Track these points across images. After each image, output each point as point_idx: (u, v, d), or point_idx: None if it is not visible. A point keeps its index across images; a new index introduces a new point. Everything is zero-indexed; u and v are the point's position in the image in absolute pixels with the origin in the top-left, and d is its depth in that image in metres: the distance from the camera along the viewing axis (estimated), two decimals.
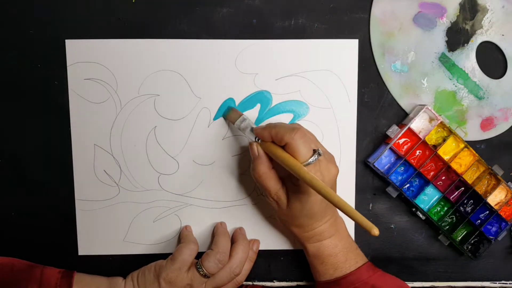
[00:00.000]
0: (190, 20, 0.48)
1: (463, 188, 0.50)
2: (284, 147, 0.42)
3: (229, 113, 0.48)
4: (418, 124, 0.49)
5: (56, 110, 0.48)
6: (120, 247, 0.50)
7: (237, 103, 0.49)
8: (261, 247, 0.51)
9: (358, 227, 0.51)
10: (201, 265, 0.45)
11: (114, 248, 0.50)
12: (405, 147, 0.49)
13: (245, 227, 0.51)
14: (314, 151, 0.41)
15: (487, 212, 0.50)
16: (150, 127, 0.49)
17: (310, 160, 0.41)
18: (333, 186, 0.44)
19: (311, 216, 0.44)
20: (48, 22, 0.47)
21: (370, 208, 0.51)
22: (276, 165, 0.43)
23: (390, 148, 0.49)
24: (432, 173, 0.50)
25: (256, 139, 0.44)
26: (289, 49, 0.48)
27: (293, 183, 0.43)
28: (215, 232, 0.49)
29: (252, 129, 0.45)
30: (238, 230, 0.50)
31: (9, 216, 0.49)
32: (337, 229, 0.46)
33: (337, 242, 0.46)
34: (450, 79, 0.50)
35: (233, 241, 0.49)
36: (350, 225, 0.50)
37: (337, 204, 0.37)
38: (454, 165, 0.49)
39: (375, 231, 0.35)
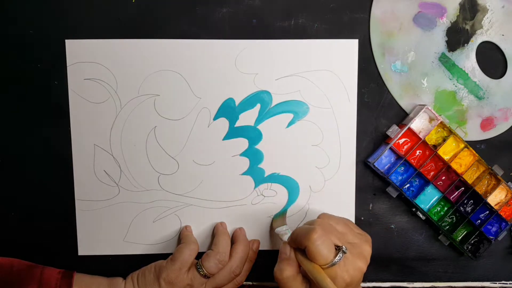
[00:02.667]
0: (190, 20, 0.48)
1: (463, 188, 0.50)
2: (305, 251, 0.39)
3: (275, 220, 0.49)
4: (418, 124, 0.49)
5: (56, 110, 0.48)
6: (120, 247, 0.50)
7: (237, 103, 0.49)
8: (261, 247, 0.51)
9: (358, 225, 0.51)
10: (201, 265, 0.45)
11: (114, 248, 0.50)
12: (405, 147, 0.49)
13: (245, 227, 0.51)
14: (338, 247, 0.39)
15: (487, 212, 0.50)
16: (150, 127, 0.49)
17: (335, 260, 0.38)
18: (361, 279, 0.41)
19: None
20: (48, 22, 0.47)
21: (370, 208, 0.51)
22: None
23: (390, 148, 0.49)
24: (432, 173, 0.50)
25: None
26: (289, 49, 0.48)
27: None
28: (215, 232, 0.49)
29: (282, 243, 0.44)
30: (238, 230, 0.50)
31: (9, 216, 0.49)
32: None
33: None
34: (450, 79, 0.50)
35: (233, 241, 0.49)
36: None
37: None
38: (454, 165, 0.49)
39: None
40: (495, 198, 0.50)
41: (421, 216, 0.50)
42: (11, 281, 0.44)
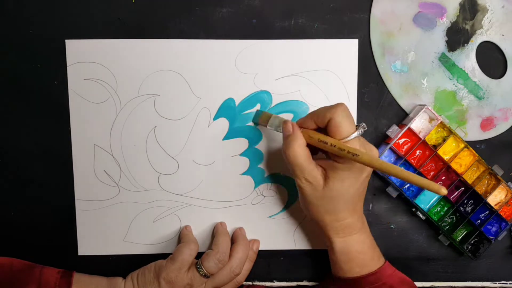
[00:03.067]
0: (190, 20, 0.48)
1: (463, 188, 0.50)
2: (326, 127, 0.41)
3: (260, 116, 0.48)
4: (418, 124, 0.49)
5: (56, 110, 0.48)
6: (120, 247, 0.50)
7: (237, 103, 0.49)
8: (261, 247, 0.51)
9: None
10: (201, 265, 0.45)
11: (114, 248, 0.50)
12: (405, 147, 0.49)
13: (245, 227, 0.51)
14: (357, 126, 0.40)
15: (487, 212, 0.50)
16: (150, 127, 0.49)
17: (355, 133, 0.40)
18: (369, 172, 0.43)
19: (347, 201, 0.42)
20: (48, 22, 0.47)
21: (370, 208, 0.51)
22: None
23: (390, 148, 0.49)
24: (432, 173, 0.50)
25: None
26: (289, 49, 0.48)
27: (334, 160, 0.41)
28: (215, 232, 0.49)
29: (283, 122, 0.43)
30: (238, 230, 0.50)
31: (9, 216, 0.49)
32: (363, 223, 0.45)
33: (365, 237, 0.45)
34: (450, 79, 0.50)
35: (233, 241, 0.49)
36: None
37: (396, 174, 0.36)
38: (454, 165, 0.49)
39: (443, 191, 0.34)
40: (495, 198, 0.50)
41: (421, 216, 0.50)
42: (10, 281, 0.44)
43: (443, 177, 0.50)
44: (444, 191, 0.34)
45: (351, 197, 0.42)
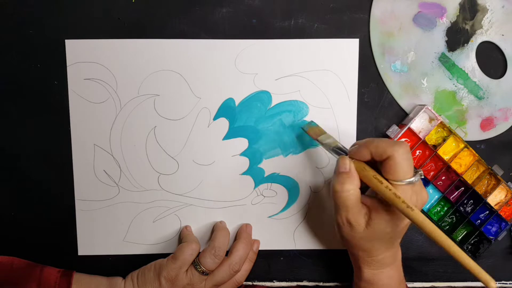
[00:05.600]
0: (190, 20, 0.48)
1: (463, 188, 0.50)
2: (383, 163, 0.39)
3: (311, 127, 0.47)
4: (418, 124, 0.49)
5: (56, 110, 0.48)
6: (120, 247, 0.50)
7: (237, 103, 0.49)
8: (261, 247, 0.51)
9: None
10: (199, 262, 0.45)
11: (114, 248, 0.50)
12: None
13: None
14: (415, 171, 0.39)
15: (487, 212, 0.50)
16: (150, 127, 0.49)
17: (413, 179, 0.38)
18: None
19: (386, 240, 0.42)
20: (48, 22, 0.47)
21: None
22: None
23: None
24: (432, 173, 0.50)
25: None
26: (289, 49, 0.48)
27: (381, 202, 0.40)
28: (213, 228, 0.49)
29: (337, 148, 0.42)
30: (244, 226, 0.50)
31: (9, 216, 0.49)
32: (396, 259, 0.44)
33: (394, 273, 0.44)
34: (450, 79, 0.50)
35: (237, 238, 0.49)
36: None
37: (448, 249, 0.35)
38: (454, 165, 0.49)
39: (493, 285, 0.33)
40: (495, 198, 0.50)
41: None
42: (11, 280, 0.44)
43: (443, 177, 0.50)
44: (493, 285, 0.33)
45: (390, 237, 0.42)
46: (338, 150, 0.43)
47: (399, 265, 0.45)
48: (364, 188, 0.41)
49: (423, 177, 0.39)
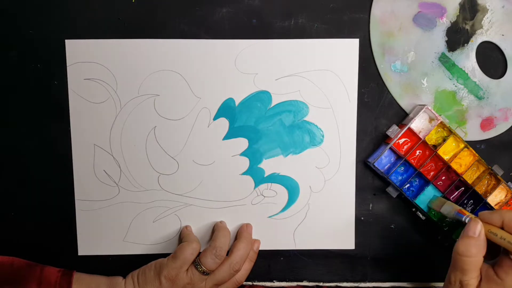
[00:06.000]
0: (190, 20, 0.48)
1: (463, 188, 0.50)
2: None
3: (433, 201, 0.48)
4: (418, 124, 0.49)
5: (56, 110, 0.48)
6: (120, 247, 0.50)
7: (237, 103, 0.49)
8: (261, 247, 0.51)
9: (358, 230, 0.51)
10: (199, 262, 0.45)
11: (114, 248, 0.50)
12: (405, 147, 0.49)
13: None
14: None
15: None
16: (150, 127, 0.49)
17: None
18: None
19: None
20: (48, 22, 0.47)
21: (370, 208, 0.51)
22: None
23: (390, 148, 0.49)
24: (432, 173, 0.50)
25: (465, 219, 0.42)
26: (289, 49, 0.48)
27: (495, 273, 0.39)
28: (214, 228, 0.49)
29: (472, 220, 0.42)
30: (245, 226, 0.50)
31: (9, 216, 0.49)
32: None
33: None
34: (450, 79, 0.50)
35: (238, 237, 0.49)
36: (350, 229, 0.50)
37: None
38: (454, 165, 0.49)
39: None
40: (495, 198, 0.50)
41: (421, 216, 0.50)
42: (11, 279, 0.44)
43: (443, 177, 0.50)
44: None
45: None
46: (461, 214, 0.44)
47: None
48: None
49: None
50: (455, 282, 0.40)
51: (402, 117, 0.50)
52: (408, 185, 0.50)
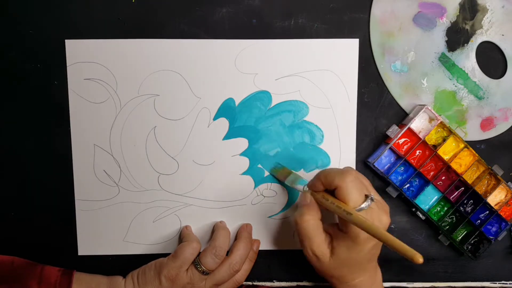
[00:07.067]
0: (190, 20, 0.48)
1: (463, 188, 0.50)
2: (334, 192, 0.41)
3: (278, 170, 0.49)
4: (418, 124, 0.49)
5: (56, 110, 0.48)
6: (120, 247, 0.50)
7: (237, 103, 0.49)
8: (261, 247, 0.51)
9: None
10: (199, 261, 0.45)
11: (114, 248, 0.50)
12: (405, 147, 0.49)
13: None
14: (366, 196, 0.40)
15: (487, 212, 0.50)
16: (150, 127, 0.49)
17: (362, 205, 0.39)
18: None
19: (355, 266, 0.42)
20: (48, 22, 0.47)
21: None
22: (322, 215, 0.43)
23: (390, 148, 0.49)
24: (432, 173, 0.50)
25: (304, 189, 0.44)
26: (289, 49, 0.48)
27: (340, 230, 0.41)
28: (214, 228, 0.49)
29: (300, 182, 0.44)
30: (244, 226, 0.50)
31: (9, 216, 0.49)
32: (374, 281, 0.45)
33: None
34: (450, 79, 0.50)
35: (237, 237, 0.49)
36: None
37: (395, 247, 0.35)
38: (454, 165, 0.49)
39: (419, 258, 0.33)
40: (495, 198, 0.50)
41: (421, 216, 0.50)
42: (12, 277, 0.44)
43: (443, 177, 0.50)
44: (420, 259, 0.33)
45: (359, 263, 0.42)
46: (300, 186, 0.45)
47: (379, 286, 0.45)
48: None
49: (374, 201, 0.40)
50: (310, 255, 0.42)
51: (402, 117, 0.50)
52: (408, 185, 0.50)
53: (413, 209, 0.50)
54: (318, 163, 0.50)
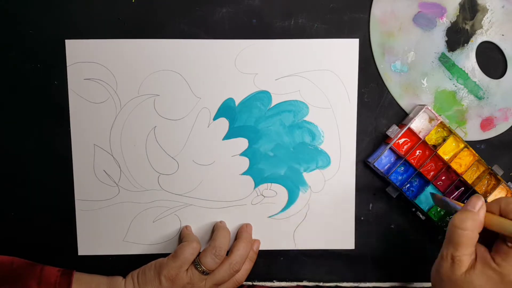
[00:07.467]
0: (190, 20, 0.48)
1: (463, 188, 0.50)
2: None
3: (434, 200, 0.46)
4: (418, 124, 0.49)
5: (56, 110, 0.48)
6: (120, 247, 0.50)
7: (237, 103, 0.49)
8: (261, 247, 0.51)
9: (358, 230, 0.51)
10: (199, 261, 0.45)
11: (114, 248, 0.50)
12: (405, 147, 0.49)
13: None
14: None
15: None
16: (150, 127, 0.49)
17: None
18: None
19: None
20: (48, 22, 0.47)
21: (370, 208, 0.51)
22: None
23: (390, 148, 0.49)
24: (432, 173, 0.50)
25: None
26: (289, 49, 0.48)
27: (492, 257, 0.38)
28: (214, 228, 0.49)
29: (473, 196, 0.41)
30: (244, 226, 0.50)
31: (9, 216, 0.49)
32: None
33: None
34: (450, 79, 0.50)
35: (237, 237, 0.49)
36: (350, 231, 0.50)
37: None
38: (454, 165, 0.49)
39: None
40: (495, 198, 0.50)
41: (421, 216, 0.50)
42: (11, 278, 0.44)
43: (443, 177, 0.50)
44: None
45: None
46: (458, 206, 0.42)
47: None
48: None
49: None
50: (447, 257, 0.39)
51: (402, 117, 0.50)
52: (408, 185, 0.50)
53: (413, 209, 0.50)
54: (318, 163, 0.50)
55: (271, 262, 0.52)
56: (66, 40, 0.47)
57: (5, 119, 0.48)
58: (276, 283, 0.52)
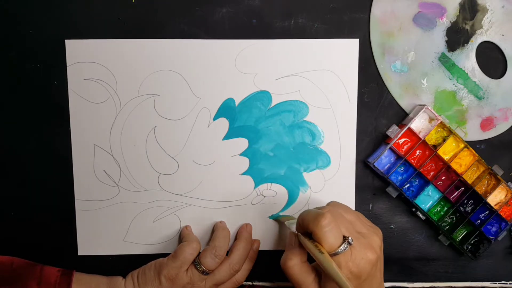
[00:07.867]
0: (190, 20, 0.48)
1: (463, 188, 0.50)
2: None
3: (284, 216, 0.49)
4: (418, 124, 0.49)
5: (56, 110, 0.48)
6: (120, 247, 0.50)
7: (237, 103, 0.49)
8: (261, 247, 0.51)
9: None
10: (199, 261, 0.45)
11: (113, 248, 0.50)
12: (405, 147, 0.49)
13: None
14: (345, 238, 0.38)
15: (487, 212, 0.50)
16: (150, 127, 0.49)
17: (339, 250, 0.37)
18: (374, 272, 0.39)
19: None
20: (48, 22, 0.47)
21: (370, 208, 0.51)
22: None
23: (390, 148, 0.49)
24: (432, 173, 0.50)
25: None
26: (289, 49, 0.48)
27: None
28: (214, 228, 0.49)
29: (289, 233, 0.43)
30: (244, 226, 0.50)
31: (9, 216, 0.49)
32: None
33: None
34: (450, 79, 0.50)
35: (237, 237, 0.49)
36: None
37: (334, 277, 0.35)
38: (454, 165, 0.49)
39: None
40: (495, 198, 0.50)
41: (421, 216, 0.50)
42: (11, 278, 0.44)
43: (443, 177, 0.50)
44: None
45: None
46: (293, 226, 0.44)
47: None
48: None
49: (351, 243, 0.37)
50: None
51: (402, 117, 0.50)
52: (408, 185, 0.50)
53: (413, 209, 0.50)
54: (318, 163, 0.50)
55: (271, 262, 0.52)
56: (66, 40, 0.47)
57: (5, 119, 0.48)
58: (276, 283, 0.52)
